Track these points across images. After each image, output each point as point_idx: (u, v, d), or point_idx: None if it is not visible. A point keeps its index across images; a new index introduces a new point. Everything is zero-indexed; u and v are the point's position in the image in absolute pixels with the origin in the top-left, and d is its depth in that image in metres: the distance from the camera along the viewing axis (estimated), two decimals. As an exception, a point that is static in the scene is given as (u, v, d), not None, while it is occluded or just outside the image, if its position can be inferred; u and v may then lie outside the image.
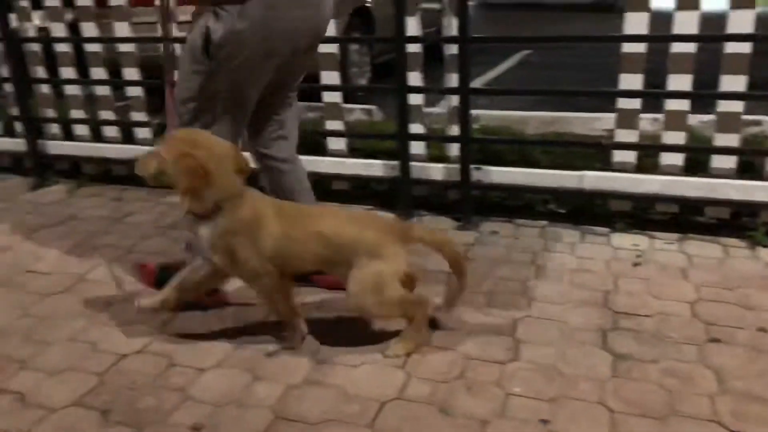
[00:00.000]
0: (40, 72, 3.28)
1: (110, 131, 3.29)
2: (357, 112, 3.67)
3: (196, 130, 1.80)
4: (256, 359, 1.76)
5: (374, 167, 2.84)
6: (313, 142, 3.07)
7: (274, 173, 2.12)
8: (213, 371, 1.72)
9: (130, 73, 3.16)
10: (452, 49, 2.64)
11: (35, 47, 3.25)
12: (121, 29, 3.09)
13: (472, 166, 2.65)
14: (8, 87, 3.30)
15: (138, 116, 3.21)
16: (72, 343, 1.86)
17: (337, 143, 2.95)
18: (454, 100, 2.70)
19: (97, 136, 3.32)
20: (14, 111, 3.35)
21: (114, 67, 3.19)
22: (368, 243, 1.71)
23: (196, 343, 1.85)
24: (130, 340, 1.86)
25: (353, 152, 2.96)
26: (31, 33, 3.28)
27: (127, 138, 3.29)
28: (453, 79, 2.66)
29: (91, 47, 3.18)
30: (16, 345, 1.86)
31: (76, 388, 1.66)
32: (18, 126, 3.38)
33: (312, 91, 3.10)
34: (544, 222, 2.63)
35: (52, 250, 2.50)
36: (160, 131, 3.20)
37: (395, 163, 2.75)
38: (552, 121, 3.45)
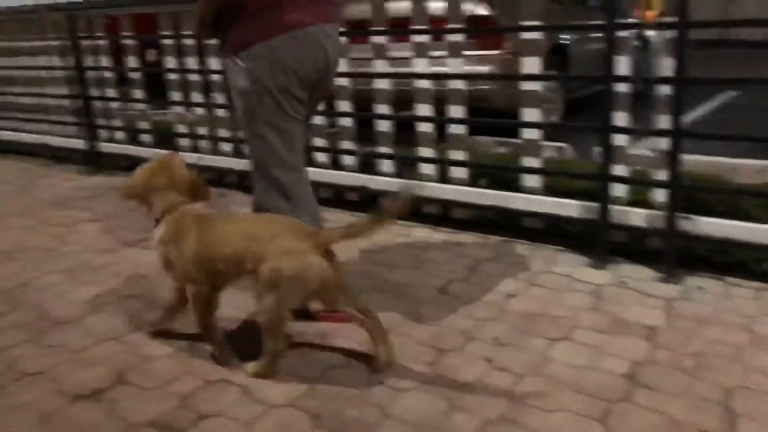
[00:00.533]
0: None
1: (321, 157, 3.59)
2: (548, 149, 3.65)
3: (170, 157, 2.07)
4: (454, 387, 1.82)
5: (569, 207, 2.80)
6: (504, 178, 3.13)
7: None
8: (412, 393, 1.81)
9: (344, 106, 3.44)
10: (664, 90, 2.55)
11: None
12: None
13: (680, 214, 2.52)
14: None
15: (346, 145, 3.48)
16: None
17: (530, 180, 2.97)
18: (661, 142, 2.60)
19: (310, 161, 3.64)
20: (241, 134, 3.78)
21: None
22: (275, 245, 1.78)
23: (398, 360, 1.95)
24: (338, 353, 2.01)
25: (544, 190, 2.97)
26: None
27: (334, 163, 3.57)
28: (662, 121, 2.57)
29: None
30: (244, 342, 2.08)
31: (291, 390, 1.83)
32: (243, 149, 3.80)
33: (503, 126, 3.18)
34: (759, 283, 2.42)
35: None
36: (364, 159, 3.45)
37: (593, 204, 2.70)
38: (766, 170, 3.17)
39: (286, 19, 2.01)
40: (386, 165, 3.36)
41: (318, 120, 3.55)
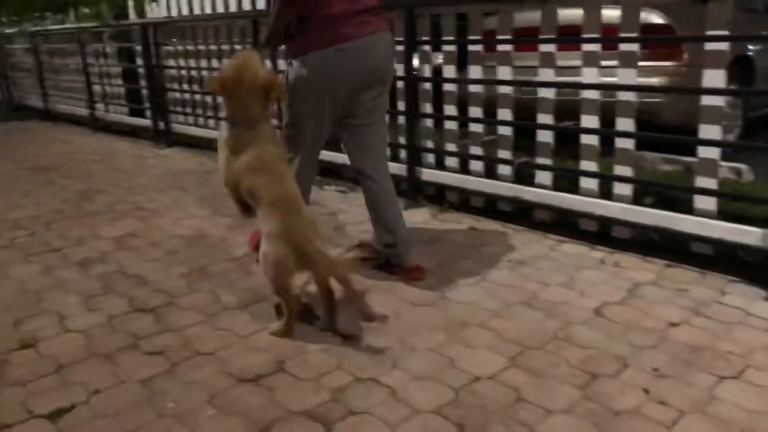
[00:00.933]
0: (428, 108, 3.76)
1: (475, 165, 3.60)
2: (724, 170, 3.36)
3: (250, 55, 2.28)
4: (607, 415, 1.73)
5: (748, 234, 2.55)
6: (672, 198, 2.93)
7: (364, 189, 2.72)
8: (560, 416, 1.75)
9: (503, 114, 3.41)
10: None
11: (427, 86, 3.73)
12: (504, 72, 3.35)
13: None
14: (401, 119, 3.85)
15: (502, 153, 3.45)
16: (432, 354, 2.07)
17: (702, 202, 2.76)
18: None
19: (463, 168, 3.66)
20: (402, 140, 3.89)
21: (490, 106, 3.48)
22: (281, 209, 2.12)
23: (545, 380, 1.90)
24: (484, 365, 2.00)
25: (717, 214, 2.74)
26: (427, 74, 3.76)
27: (489, 173, 3.55)
28: None
29: (474, 88, 3.52)
30: (390, 345, 2.14)
31: (437, 397, 1.84)
32: (402, 153, 3.90)
33: (674, 143, 2.97)
34: None
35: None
36: (519, 170, 3.40)
37: (776, 233, 2.45)
38: None
39: (337, 34, 2.38)
40: (543, 177, 3.28)
41: (475, 127, 3.56)
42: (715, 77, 2.65)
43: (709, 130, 2.70)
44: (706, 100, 2.70)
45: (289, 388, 1.89)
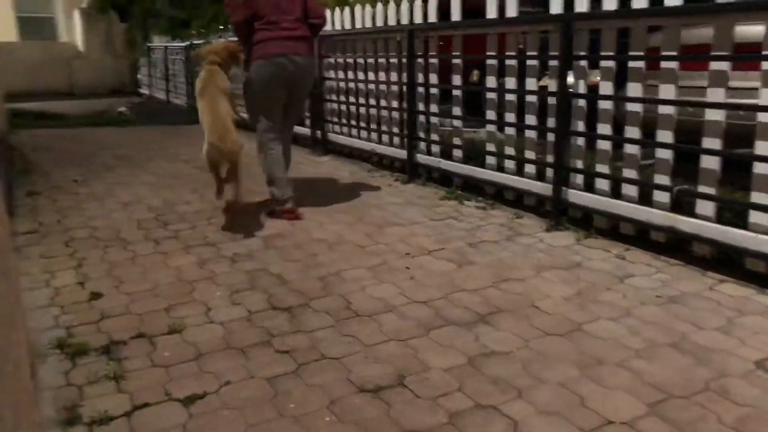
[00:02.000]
0: (580, 126, 3.58)
1: (628, 189, 3.36)
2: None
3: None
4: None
5: None
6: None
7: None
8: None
9: (664, 136, 3.15)
10: None
11: (581, 103, 3.56)
12: (667, 91, 3.11)
13: None
14: (550, 136, 3.70)
15: (659, 179, 3.19)
16: (561, 389, 1.95)
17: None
18: None
19: (615, 192, 3.44)
20: (549, 158, 3.74)
21: (649, 127, 3.24)
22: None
23: (685, 437, 1.71)
24: (619, 408, 1.84)
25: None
26: (582, 90, 3.59)
27: (643, 198, 3.30)
28: None
29: (633, 107, 3.30)
30: (516, 373, 2.05)
31: (561, 434, 1.73)
32: (549, 173, 3.75)
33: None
34: None
35: (555, 291, 2.70)
36: (678, 197, 3.12)
37: None
38: None
39: (266, 51, 3.81)
40: (705, 207, 2.98)
41: (631, 149, 3.32)
42: None
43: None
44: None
45: (406, 405, 1.87)
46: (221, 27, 8.88)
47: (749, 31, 2.86)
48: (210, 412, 1.84)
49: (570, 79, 3.58)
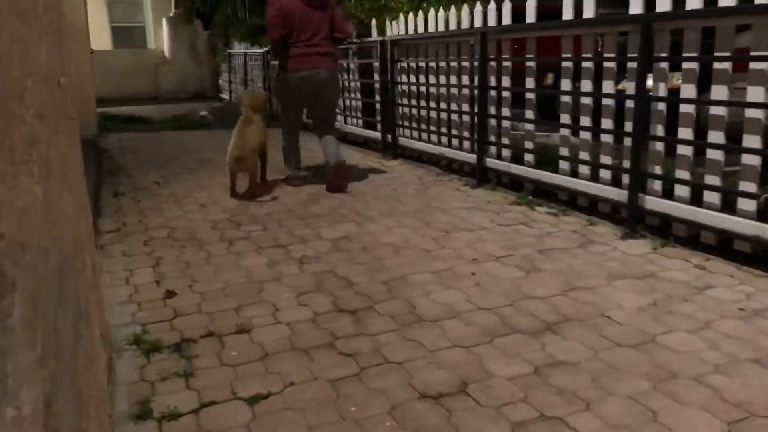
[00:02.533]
0: (658, 130, 3.43)
1: (710, 196, 3.19)
2: None
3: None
4: None
5: None
6: None
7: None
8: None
9: (750, 141, 2.98)
10: None
11: (660, 106, 3.42)
12: (755, 94, 2.93)
13: None
14: (627, 141, 3.57)
15: (745, 186, 3.01)
16: (631, 402, 1.87)
17: None
18: None
19: (695, 199, 3.28)
20: (624, 163, 3.61)
21: (734, 132, 3.07)
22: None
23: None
24: (694, 426, 1.75)
25: None
26: (662, 93, 3.44)
27: (726, 206, 3.13)
28: None
29: (717, 110, 3.14)
30: (584, 384, 1.98)
31: (628, 451, 1.66)
32: (625, 178, 3.62)
33: None
34: None
35: (628, 301, 2.60)
36: (766, 206, 2.94)
37: None
38: None
39: (295, 66, 4.61)
40: (796, 216, 2.80)
41: (714, 154, 3.16)
42: None
43: None
44: None
45: (467, 413, 1.85)
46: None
47: None
48: (273, 412, 1.87)
49: (649, 82, 3.44)
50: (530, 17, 4.27)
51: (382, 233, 3.61)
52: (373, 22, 6.86)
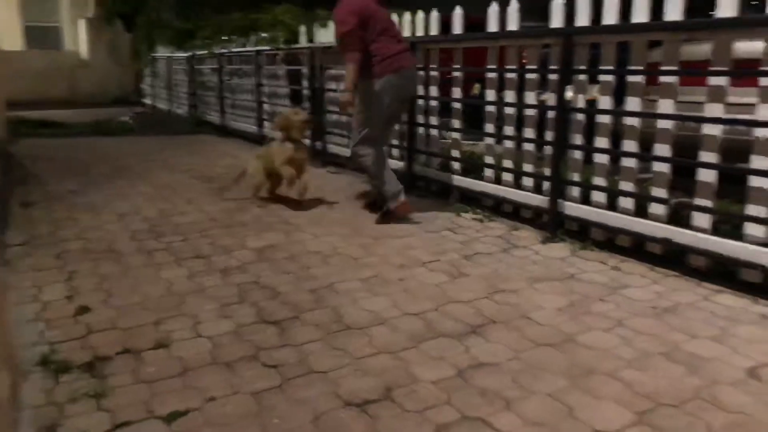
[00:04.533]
0: (577, 139, 3.56)
1: (625, 202, 3.34)
2: None
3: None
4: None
5: None
6: None
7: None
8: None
9: (661, 149, 3.13)
10: None
11: (579, 117, 3.55)
12: (665, 106, 3.09)
13: None
14: (548, 149, 3.69)
15: (657, 192, 3.17)
16: (550, 400, 1.93)
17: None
18: None
19: (611, 205, 3.41)
20: (547, 171, 3.73)
21: (646, 142, 3.22)
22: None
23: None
24: (607, 418, 1.82)
25: None
26: (580, 104, 3.58)
27: (640, 211, 3.28)
28: None
29: (630, 120, 3.28)
30: (505, 384, 2.02)
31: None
32: (546, 185, 3.73)
33: None
34: None
35: (549, 302, 2.68)
36: (676, 210, 3.10)
37: None
38: None
39: (398, 64, 3.92)
40: (701, 219, 2.96)
41: (628, 162, 3.30)
42: None
43: None
44: None
45: (392, 419, 1.84)
46: (225, 38, 8.93)
47: (748, 47, 2.85)
48: (192, 429, 1.81)
49: (569, 93, 3.57)
50: (457, 28, 4.35)
51: (309, 241, 3.58)
52: (302, 28, 6.82)
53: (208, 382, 2.05)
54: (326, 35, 6.16)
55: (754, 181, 2.76)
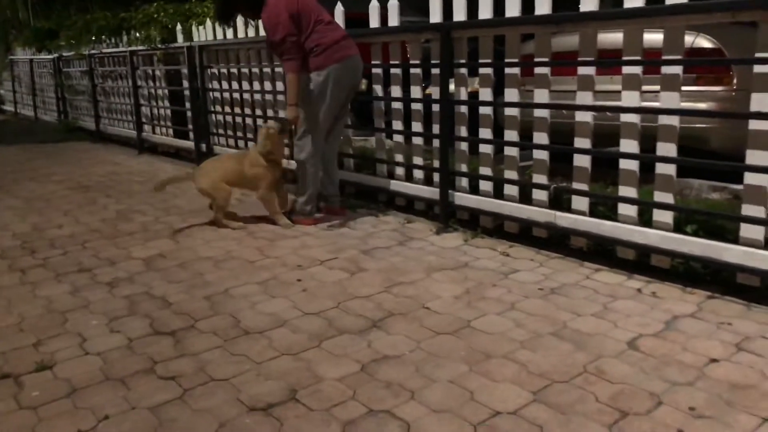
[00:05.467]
0: (463, 131, 3.69)
1: (510, 189, 3.49)
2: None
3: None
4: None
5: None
6: (715, 227, 2.79)
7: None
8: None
9: (539, 138, 3.31)
10: None
11: (463, 109, 3.67)
12: (540, 96, 3.26)
13: None
14: (435, 142, 3.79)
15: (538, 179, 3.34)
16: (452, 386, 1.98)
17: (750, 231, 2.59)
18: None
19: (497, 193, 3.56)
20: (435, 163, 3.82)
21: (526, 130, 3.38)
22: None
23: (571, 417, 1.78)
24: (506, 399, 1.89)
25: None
26: (463, 97, 3.70)
27: (524, 198, 3.44)
28: None
29: (510, 111, 3.44)
30: (408, 375, 2.06)
31: (453, 432, 1.76)
32: (436, 177, 3.83)
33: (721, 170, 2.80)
34: None
35: (445, 291, 2.75)
36: (555, 195, 3.29)
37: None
38: None
39: (342, 53, 3.65)
40: (580, 203, 3.15)
41: (510, 151, 3.46)
42: (764, 101, 2.51)
43: (758, 156, 2.55)
44: (755, 125, 2.56)
45: (299, 420, 1.82)
46: (93, 38, 8.41)
47: (611, 38, 3.06)
48: (85, 450, 1.70)
49: (452, 87, 3.67)
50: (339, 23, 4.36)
51: (200, 247, 3.46)
52: (179, 26, 6.57)
53: (100, 400, 1.93)
54: (205, 33, 5.97)
55: (625, 164, 2.97)
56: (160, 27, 7.07)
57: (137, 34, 7.36)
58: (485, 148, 3.61)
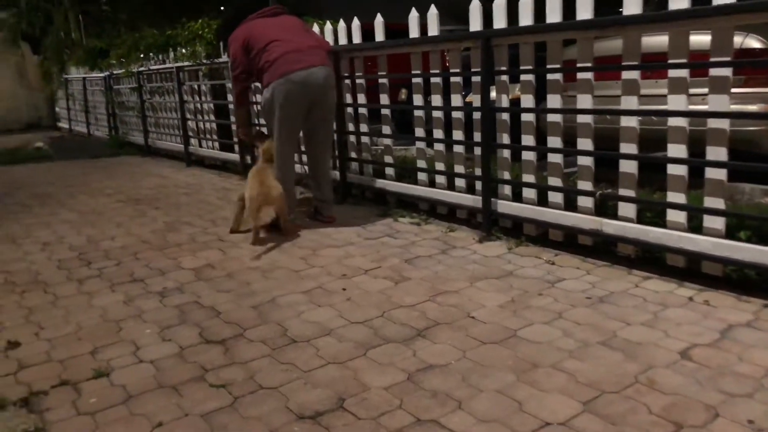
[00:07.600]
0: (505, 138, 3.67)
1: (555, 197, 3.46)
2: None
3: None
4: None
5: None
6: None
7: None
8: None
9: (584, 144, 3.27)
10: None
11: (505, 116, 3.65)
12: (584, 101, 3.22)
13: None
14: (477, 150, 3.78)
15: (583, 185, 3.30)
16: (499, 396, 1.96)
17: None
18: None
19: (542, 200, 3.53)
20: (477, 171, 3.81)
21: (570, 137, 3.35)
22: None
23: (622, 429, 1.74)
24: (555, 409, 1.87)
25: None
26: (505, 104, 3.68)
27: (569, 205, 3.40)
28: None
29: (553, 117, 3.41)
30: (455, 384, 2.05)
31: (500, 444, 1.74)
32: (478, 185, 3.82)
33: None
34: None
35: (490, 300, 2.74)
36: (602, 201, 3.24)
37: None
38: None
39: (284, 69, 3.74)
40: (627, 209, 3.10)
41: (554, 158, 3.43)
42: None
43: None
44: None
45: (347, 428, 1.84)
46: (141, 55, 8.67)
47: (655, 41, 3.01)
48: (141, 456, 1.75)
49: (493, 94, 3.66)
50: (379, 35, 4.40)
51: (247, 257, 3.53)
52: (222, 43, 6.72)
53: (154, 407, 1.99)
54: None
55: (673, 169, 2.91)
56: (204, 43, 7.25)
57: (183, 51, 7.57)
58: (528, 155, 3.59)
